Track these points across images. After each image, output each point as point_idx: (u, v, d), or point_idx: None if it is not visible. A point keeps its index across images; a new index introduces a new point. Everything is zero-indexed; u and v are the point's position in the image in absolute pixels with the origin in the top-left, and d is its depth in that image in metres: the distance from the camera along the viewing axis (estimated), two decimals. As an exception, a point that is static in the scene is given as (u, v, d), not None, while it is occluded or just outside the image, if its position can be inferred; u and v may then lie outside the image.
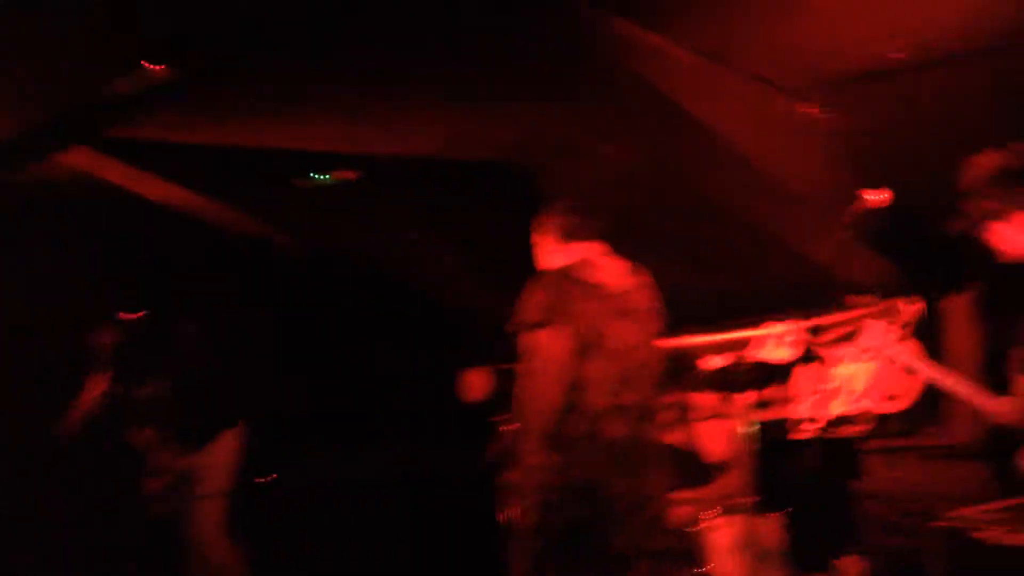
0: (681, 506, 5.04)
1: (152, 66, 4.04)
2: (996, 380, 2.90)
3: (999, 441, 2.86)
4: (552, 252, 3.79)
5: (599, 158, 5.13)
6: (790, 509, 4.65)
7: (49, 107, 4.51)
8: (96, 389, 4.97)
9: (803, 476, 4.49)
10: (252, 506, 5.73)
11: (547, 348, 3.38)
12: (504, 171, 5.48)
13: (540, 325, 3.40)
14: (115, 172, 5.24)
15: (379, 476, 6.58)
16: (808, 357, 3.58)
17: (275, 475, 6.21)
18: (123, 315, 5.08)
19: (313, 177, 5.41)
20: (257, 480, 6.09)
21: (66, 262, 6.11)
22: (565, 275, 3.56)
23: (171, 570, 5.44)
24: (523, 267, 6.37)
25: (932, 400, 5.45)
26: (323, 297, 4.86)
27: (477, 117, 4.89)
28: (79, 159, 5.01)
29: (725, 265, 5.89)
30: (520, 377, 3.40)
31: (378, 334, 6.68)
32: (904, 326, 5.56)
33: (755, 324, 6.13)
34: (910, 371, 3.28)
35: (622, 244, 5.86)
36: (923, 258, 5.07)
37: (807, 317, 6.04)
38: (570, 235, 3.76)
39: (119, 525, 5.59)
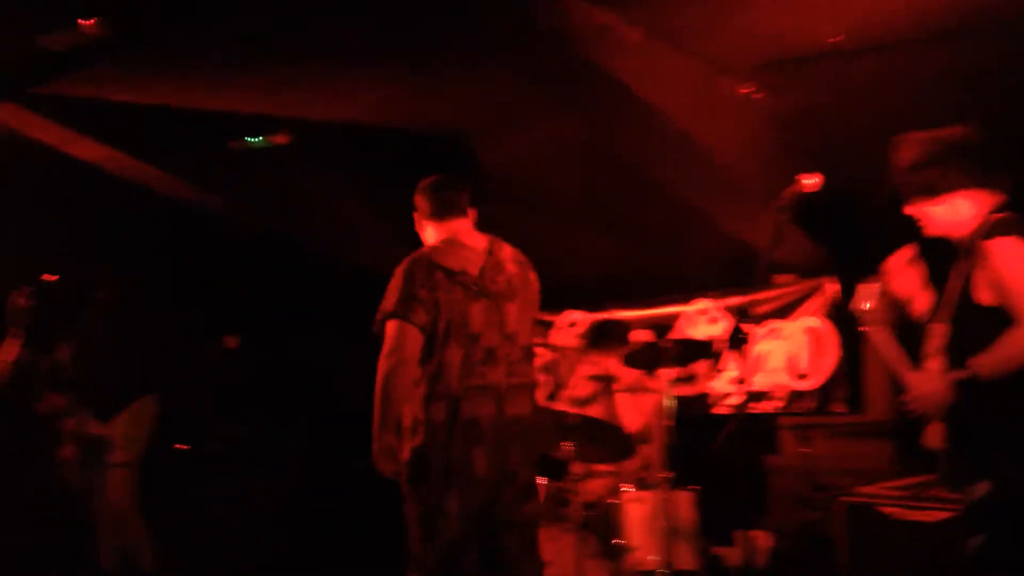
0: (599, 478, 5.15)
1: (84, 21, 3.95)
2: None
3: (907, 420, 2.96)
4: (424, 229, 3.80)
5: (537, 131, 5.16)
6: (702, 484, 4.76)
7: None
8: (10, 353, 4.82)
9: (718, 451, 4.60)
10: (164, 476, 5.71)
11: (395, 339, 3.43)
12: (440, 141, 5.46)
13: (392, 315, 3.45)
14: (43, 130, 5.10)
15: (292, 450, 6.59)
16: (730, 334, 3.66)
17: (187, 446, 6.13)
18: (44, 277, 4.93)
19: (247, 141, 5.32)
20: (173, 448, 6.03)
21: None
22: (427, 259, 3.58)
23: (79, 539, 5.37)
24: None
25: (844, 378, 5.65)
26: (254, 265, 4.77)
27: (412, 85, 4.87)
28: (5, 115, 4.86)
29: (658, 241, 5.99)
30: (378, 365, 3.43)
31: (307, 306, 6.64)
32: (827, 305, 5.74)
33: (683, 300, 6.26)
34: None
35: (557, 218, 5.96)
36: (852, 238, 5.21)
37: (732, 295, 6.19)
38: (439, 213, 3.74)
39: (27, 492, 5.51)
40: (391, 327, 3.44)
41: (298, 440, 6.67)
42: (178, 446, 6.11)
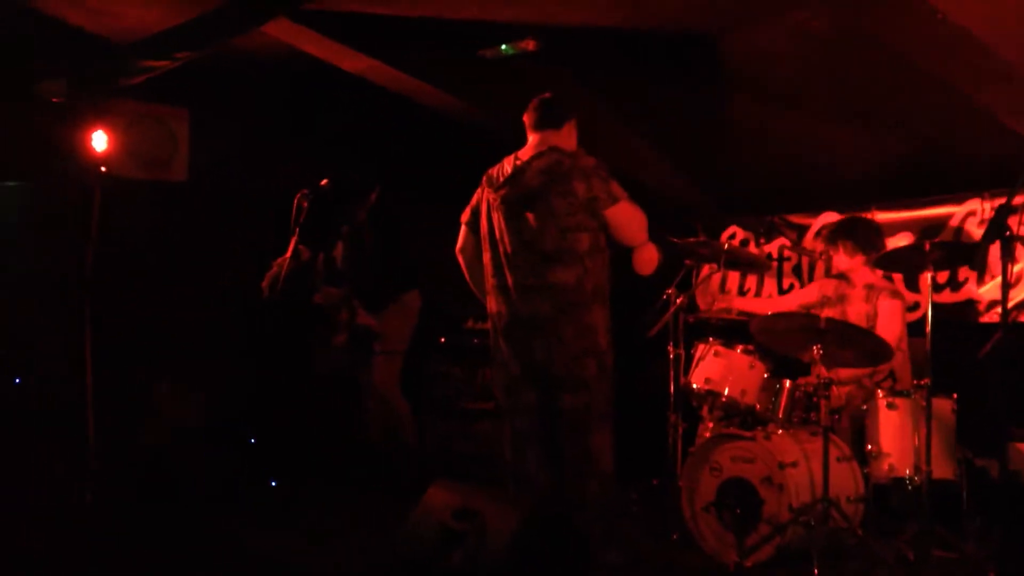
0: (850, 383, 5.01)
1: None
2: None
3: None
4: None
5: (786, 24, 4.94)
6: (965, 394, 4.54)
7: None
8: (291, 250, 5.29)
9: (985, 360, 4.34)
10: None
11: (460, 238, 4.32)
12: (685, 40, 5.35)
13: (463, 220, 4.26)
14: (314, 43, 5.45)
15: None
16: (1003, 237, 3.42)
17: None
18: (322, 183, 5.33)
19: (498, 49, 5.46)
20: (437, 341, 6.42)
21: (269, 130, 6.49)
22: (490, 169, 4.21)
23: (348, 418, 5.90)
24: (707, 142, 6.31)
25: None
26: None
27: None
28: (278, 29, 5.24)
29: (924, 137, 5.62)
30: None
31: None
32: None
33: (951, 201, 5.86)
34: None
35: (813, 116, 5.71)
36: None
37: (1007, 195, 5.71)
38: (533, 125, 4.19)
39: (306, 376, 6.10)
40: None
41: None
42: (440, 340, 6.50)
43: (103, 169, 5.31)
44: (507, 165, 4.18)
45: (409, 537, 3.85)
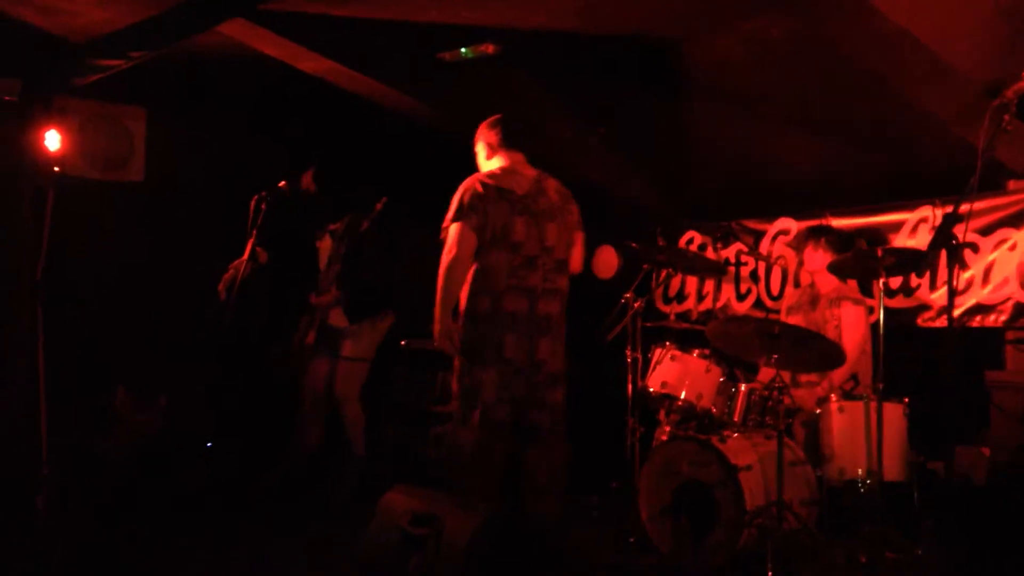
0: (804, 387, 5.08)
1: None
2: None
3: None
4: (483, 158, 4.53)
5: (745, 31, 5.00)
6: (916, 398, 4.62)
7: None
8: (248, 252, 5.26)
9: (935, 365, 4.43)
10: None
11: (455, 239, 4.23)
12: (644, 46, 5.39)
13: (455, 219, 4.23)
14: (271, 44, 5.42)
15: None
16: (948, 245, 3.50)
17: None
18: (281, 184, 5.31)
19: (457, 52, 5.46)
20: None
21: (227, 131, 6.43)
22: (483, 179, 4.33)
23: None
24: (666, 147, 6.35)
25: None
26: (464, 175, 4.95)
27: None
28: (235, 29, 5.20)
29: (878, 145, 5.70)
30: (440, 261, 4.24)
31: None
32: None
33: (904, 208, 5.95)
34: None
35: (769, 122, 5.78)
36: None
37: (953, 202, 5.81)
38: (505, 144, 4.48)
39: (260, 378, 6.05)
40: (454, 229, 4.23)
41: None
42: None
43: (57, 169, 5.23)
44: (519, 179, 4.42)
45: (369, 543, 3.85)
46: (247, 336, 5.87)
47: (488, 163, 4.53)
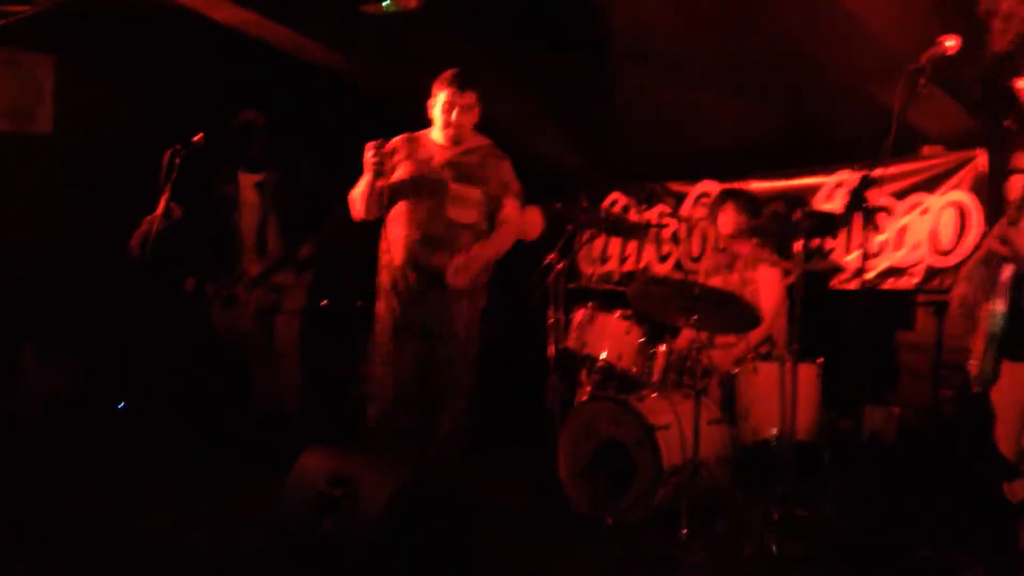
0: (721, 349, 5.15)
1: None
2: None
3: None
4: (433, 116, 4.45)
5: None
6: (829, 359, 4.71)
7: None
8: (162, 208, 5.10)
9: (846, 327, 4.52)
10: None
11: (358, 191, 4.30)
12: (570, 5, 5.35)
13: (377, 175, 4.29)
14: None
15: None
16: (861, 208, 3.56)
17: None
18: (195, 138, 5.14)
19: (379, 4, 5.35)
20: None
21: (141, 80, 6.23)
22: (407, 139, 4.42)
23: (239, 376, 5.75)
24: (590, 108, 6.32)
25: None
26: (381, 131, 4.87)
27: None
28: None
29: (799, 110, 5.75)
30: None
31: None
32: (976, 179, 5.38)
33: (822, 172, 6.03)
34: None
35: (692, 85, 5.79)
36: (1010, 108, 4.88)
37: (874, 166, 5.90)
38: (450, 105, 4.38)
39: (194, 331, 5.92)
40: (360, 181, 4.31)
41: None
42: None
43: (-41, 120, 5.02)
44: (437, 145, 4.42)
45: (283, 504, 3.79)
46: (162, 294, 5.72)
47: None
